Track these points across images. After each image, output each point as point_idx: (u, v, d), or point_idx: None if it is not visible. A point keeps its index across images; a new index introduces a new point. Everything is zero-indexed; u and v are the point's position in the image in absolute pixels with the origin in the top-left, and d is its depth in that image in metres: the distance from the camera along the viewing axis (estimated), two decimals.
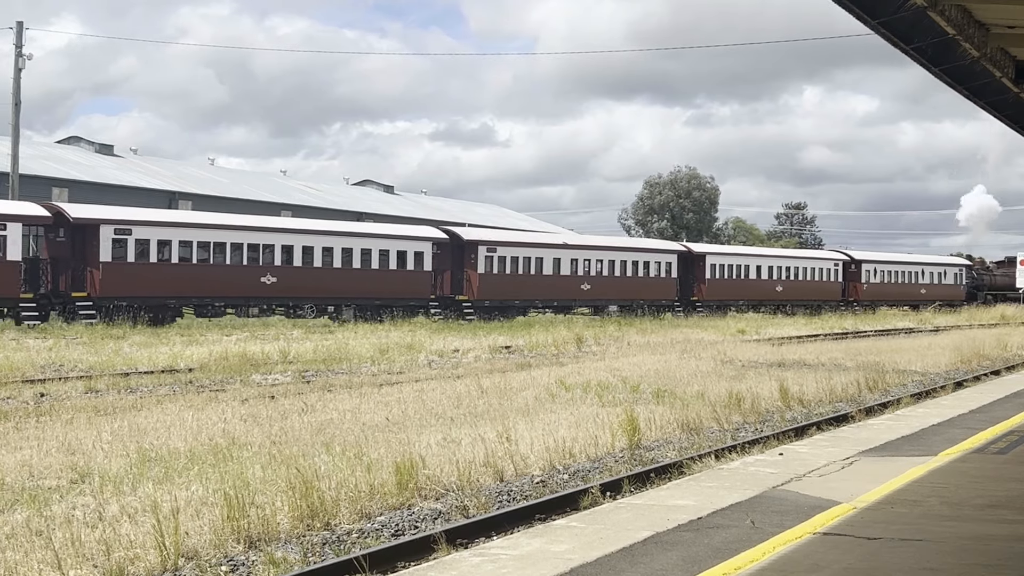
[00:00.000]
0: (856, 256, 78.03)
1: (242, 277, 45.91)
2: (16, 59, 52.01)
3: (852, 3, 13.40)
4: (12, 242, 39.58)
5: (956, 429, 15.14)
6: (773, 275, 69.98)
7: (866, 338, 43.86)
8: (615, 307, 60.61)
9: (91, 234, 42.25)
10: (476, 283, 54.26)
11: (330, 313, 48.99)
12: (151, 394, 21.15)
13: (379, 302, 50.41)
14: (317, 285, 48.18)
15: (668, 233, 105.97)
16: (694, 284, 65.50)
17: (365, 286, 49.89)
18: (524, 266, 56.32)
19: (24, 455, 13.27)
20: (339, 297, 49.27)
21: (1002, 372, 28.32)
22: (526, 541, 8.56)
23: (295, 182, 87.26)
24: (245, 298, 46.53)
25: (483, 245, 55.00)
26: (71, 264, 42.20)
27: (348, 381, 23.82)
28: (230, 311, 46.84)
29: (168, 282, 43.68)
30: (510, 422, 15.38)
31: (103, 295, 42.03)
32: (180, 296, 44.58)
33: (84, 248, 42.23)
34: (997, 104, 20.06)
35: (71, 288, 41.92)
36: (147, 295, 43.15)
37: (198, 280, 44.59)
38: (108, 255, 42.23)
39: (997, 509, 9.51)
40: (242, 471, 11.39)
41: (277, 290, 47.00)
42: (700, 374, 24.42)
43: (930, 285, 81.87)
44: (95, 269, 42.04)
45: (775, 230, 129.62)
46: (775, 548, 8.01)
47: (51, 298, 41.94)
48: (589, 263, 59.64)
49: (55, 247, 42.03)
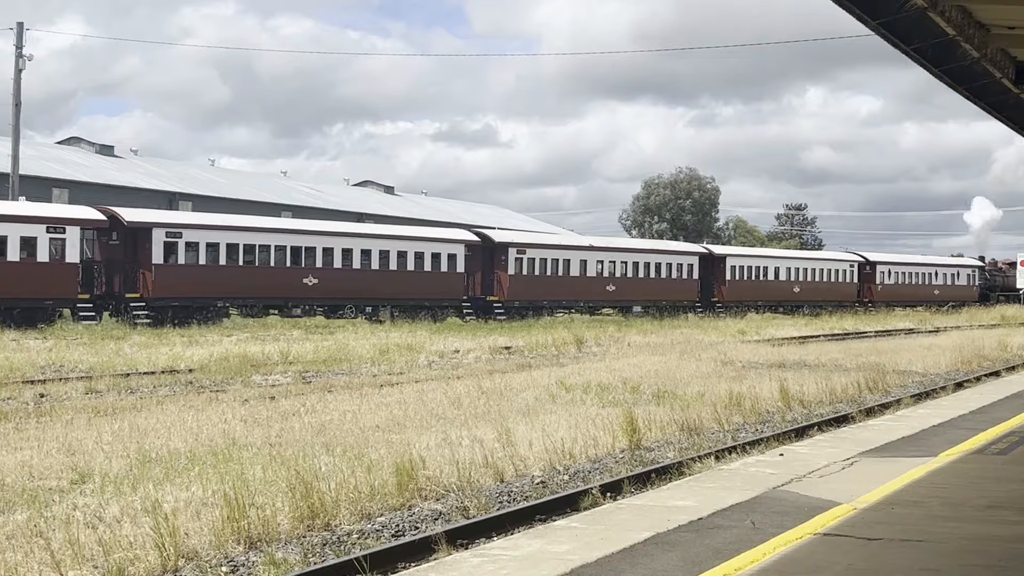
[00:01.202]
0: (871, 258, 79.48)
1: (285, 279, 47.35)
2: (16, 60, 52.03)
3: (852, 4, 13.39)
4: (71, 245, 41.33)
5: (956, 430, 15.13)
6: (791, 276, 71.60)
7: (866, 339, 43.86)
8: (639, 308, 61.80)
9: (144, 237, 43.73)
10: (506, 284, 55.73)
11: (368, 313, 50.26)
12: (151, 395, 21.15)
13: (414, 303, 51.89)
14: (356, 286, 49.67)
15: (667, 234, 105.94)
16: (714, 285, 66.75)
17: (401, 287, 51.32)
18: (552, 267, 57.85)
19: (24, 456, 13.27)
20: (377, 298, 50.70)
21: (1002, 373, 28.30)
22: (526, 542, 8.56)
23: (295, 183, 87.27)
24: (288, 299, 47.90)
25: (513, 247, 56.42)
26: (124, 266, 43.78)
27: (348, 382, 23.82)
28: (273, 312, 48.18)
29: (216, 283, 45.17)
30: (510, 423, 15.38)
31: (155, 296, 43.58)
32: (227, 297, 45.97)
33: (136, 251, 43.77)
34: (997, 105, 20.05)
35: (124, 289, 43.51)
36: (196, 296, 44.69)
37: (244, 281, 46.03)
38: (160, 257, 43.80)
39: (997, 510, 9.51)
40: (242, 472, 11.39)
41: (318, 291, 48.40)
42: (700, 375, 24.42)
43: (943, 286, 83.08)
44: (148, 271, 43.60)
45: (776, 231, 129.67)
46: (775, 549, 8.00)
47: (106, 299, 43.48)
48: (614, 265, 61.09)
49: (108, 250, 43.59)
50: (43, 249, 40.58)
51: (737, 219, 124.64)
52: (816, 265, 74.43)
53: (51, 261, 40.81)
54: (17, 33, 52.35)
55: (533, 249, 57.55)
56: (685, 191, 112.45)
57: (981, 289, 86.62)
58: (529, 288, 56.49)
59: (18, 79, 51.92)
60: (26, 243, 40.24)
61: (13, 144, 51.66)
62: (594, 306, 60.68)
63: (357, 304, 50.09)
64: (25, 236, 40.25)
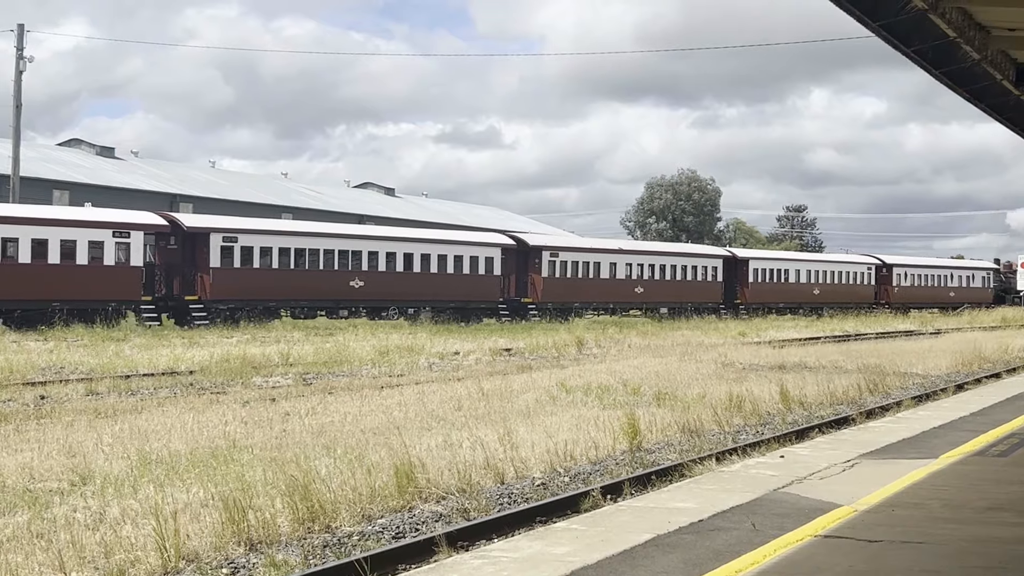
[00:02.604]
0: (888, 260, 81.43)
1: (333, 282, 49.12)
2: (17, 62, 52.05)
3: (853, 5, 13.40)
4: (135, 249, 43.65)
5: (957, 432, 15.13)
6: (811, 279, 73.54)
7: (867, 340, 43.84)
8: (665, 309, 63.28)
9: (202, 242, 45.68)
10: (540, 286, 57.64)
11: (409, 315, 51.92)
12: (152, 396, 21.15)
13: (454, 304, 53.63)
14: (399, 289, 51.55)
15: (668, 236, 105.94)
16: (737, 288, 68.57)
17: (441, 289, 53.19)
18: (583, 270, 59.74)
19: (25, 457, 13.27)
20: (418, 300, 52.60)
21: (1003, 375, 28.28)
22: (527, 543, 8.56)
23: (296, 184, 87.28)
24: (335, 301, 49.56)
25: (547, 251, 58.50)
26: (182, 269, 45.75)
27: (349, 384, 23.82)
28: (321, 313, 49.62)
29: (269, 286, 47.03)
30: (511, 425, 15.38)
31: (212, 299, 45.45)
32: (279, 300, 47.76)
33: (195, 255, 45.74)
34: (998, 107, 20.07)
35: (183, 292, 45.50)
36: (250, 298, 46.48)
37: (295, 284, 47.83)
38: (217, 261, 45.73)
39: (998, 512, 9.50)
40: (243, 473, 11.39)
41: (363, 294, 50.31)
42: (701, 377, 24.41)
43: (959, 288, 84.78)
44: (205, 274, 45.56)
45: (776, 232, 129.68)
46: (776, 551, 8.00)
47: (165, 301, 45.35)
48: (642, 267, 63.05)
49: (167, 254, 45.60)
50: (109, 253, 42.74)
51: (736, 221, 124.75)
52: (835, 268, 76.42)
53: (116, 265, 43.02)
54: (18, 35, 52.37)
55: (566, 252, 59.44)
56: (686, 193, 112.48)
57: (996, 291, 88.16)
58: (562, 290, 58.23)
59: (19, 81, 51.95)
60: (94, 247, 42.35)
61: (14, 146, 51.67)
62: (623, 308, 62.54)
63: (400, 306, 51.90)
64: (93, 240, 42.36)
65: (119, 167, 71.14)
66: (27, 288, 40.17)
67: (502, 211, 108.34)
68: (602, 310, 61.34)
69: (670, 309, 63.12)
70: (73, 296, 41.35)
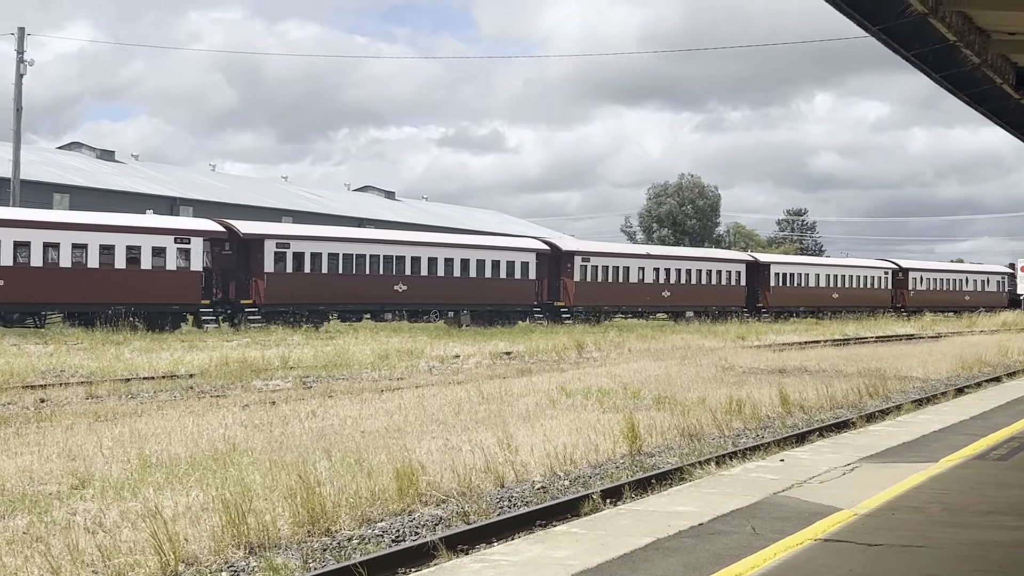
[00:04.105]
0: (904, 265, 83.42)
1: (379, 286, 51.03)
2: (17, 65, 52.09)
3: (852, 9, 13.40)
4: (195, 254, 45.48)
5: (957, 435, 15.12)
6: (830, 283, 75.39)
7: (867, 344, 43.83)
8: (691, 312, 64.67)
9: (256, 248, 47.57)
10: (572, 290, 59.44)
11: (449, 318, 53.77)
12: (152, 400, 21.14)
13: (491, 307, 55.60)
14: (440, 292, 53.33)
15: (670, 241, 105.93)
16: (759, 291, 70.22)
17: (480, 293, 55.03)
18: (613, 274, 61.68)
19: (25, 461, 13.25)
20: (458, 303, 54.36)
21: (1003, 378, 28.27)
22: (527, 547, 8.55)
23: (296, 188, 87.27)
24: (381, 304, 51.49)
25: (579, 255, 60.38)
26: (236, 274, 47.48)
27: (349, 387, 23.81)
28: (367, 316, 51.40)
29: (319, 290, 48.76)
30: (511, 428, 15.38)
31: (267, 302, 47.34)
32: (328, 303, 49.47)
33: (249, 260, 47.58)
34: (998, 111, 20.07)
35: (238, 296, 47.21)
36: (302, 302, 48.41)
37: (343, 288, 49.58)
38: (271, 266, 47.58)
39: (998, 515, 9.50)
40: (242, 477, 11.38)
41: (407, 297, 52.24)
42: (701, 380, 24.40)
43: (974, 292, 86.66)
44: (260, 279, 47.41)
45: (776, 236, 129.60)
46: (776, 554, 8.00)
47: (221, 304, 47.06)
48: (669, 272, 64.69)
49: (222, 259, 47.25)
50: (171, 258, 44.63)
51: (736, 225, 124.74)
52: (853, 272, 78.19)
53: (178, 269, 44.81)
54: (18, 38, 52.41)
55: (596, 257, 61.37)
56: (688, 197, 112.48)
57: (1011, 295, 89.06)
58: (593, 293, 60.04)
59: (19, 84, 51.97)
60: (157, 253, 44.27)
61: (14, 149, 51.69)
62: (650, 311, 63.90)
63: (440, 308, 53.76)
64: (156, 246, 44.28)
65: (119, 170, 71.14)
66: (96, 292, 42.16)
67: (502, 214, 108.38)
68: (630, 313, 62.86)
69: (695, 312, 64.69)
70: (137, 299, 43.39)
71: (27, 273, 40.72)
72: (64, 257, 41.81)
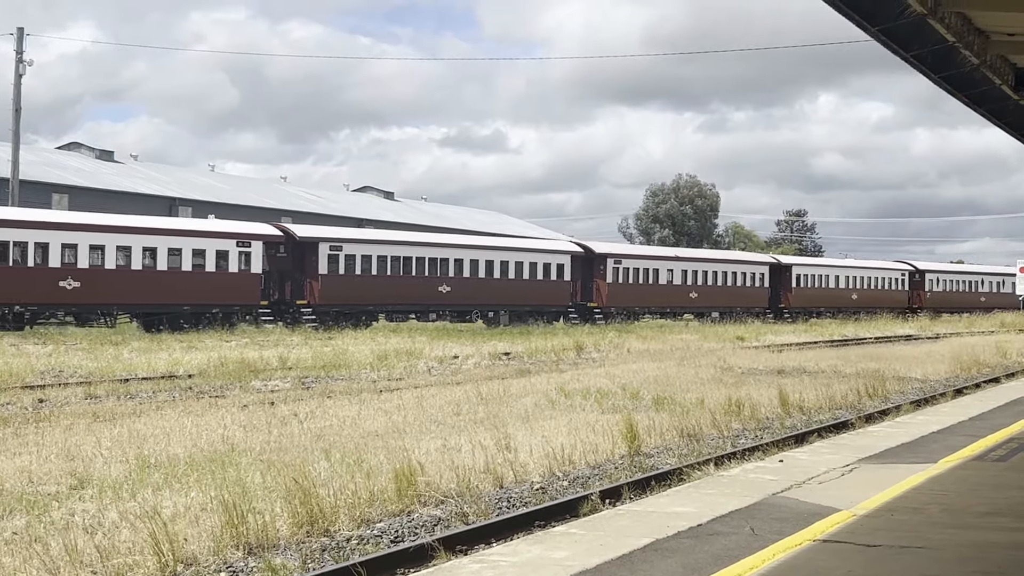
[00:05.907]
0: (920, 266, 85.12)
1: (424, 287, 52.94)
2: (16, 65, 52.10)
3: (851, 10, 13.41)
4: (255, 257, 47.47)
5: (956, 436, 15.12)
6: (850, 284, 77.16)
7: (866, 345, 43.84)
8: (716, 313, 65.91)
9: (311, 250, 49.54)
10: (605, 292, 61.08)
11: (488, 318, 55.60)
12: (150, 400, 21.14)
13: (528, 308, 57.58)
14: (481, 294, 55.20)
15: (670, 241, 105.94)
16: (781, 292, 71.71)
17: (518, 294, 57.00)
18: (643, 276, 63.29)
19: (23, 461, 13.25)
20: (498, 304, 56.24)
21: (1002, 379, 28.27)
22: (525, 548, 8.55)
23: (295, 188, 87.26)
24: (426, 305, 53.36)
25: (611, 258, 62.16)
26: (291, 276, 49.54)
27: (347, 388, 23.81)
28: (412, 316, 53.45)
29: (369, 292, 50.78)
30: (510, 429, 15.37)
31: (321, 303, 49.29)
32: (377, 304, 51.60)
33: (304, 263, 49.53)
34: (997, 112, 20.08)
35: (293, 297, 49.33)
36: (353, 303, 50.43)
37: (392, 290, 51.53)
38: (325, 268, 49.49)
39: (997, 516, 9.50)
40: (241, 477, 11.38)
41: (450, 298, 54.15)
42: (699, 381, 24.39)
43: (989, 293, 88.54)
44: (314, 281, 49.36)
45: (775, 237, 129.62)
46: (775, 555, 8.00)
47: (278, 305, 48.95)
48: (696, 273, 66.31)
49: (277, 262, 49.18)
50: (233, 261, 46.57)
51: (734, 225, 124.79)
52: (871, 274, 79.91)
53: (239, 272, 46.77)
54: (17, 38, 52.41)
55: (628, 259, 63.21)
56: (687, 198, 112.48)
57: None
58: (624, 295, 61.72)
59: (18, 84, 51.97)
60: (220, 256, 46.22)
61: (13, 149, 51.68)
62: (678, 312, 65.39)
63: (481, 309, 55.62)
64: (219, 250, 46.29)
65: (118, 171, 71.11)
66: (164, 293, 44.14)
67: (501, 215, 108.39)
68: (658, 314, 64.24)
69: (721, 313, 65.81)
70: (202, 300, 45.39)
71: (102, 276, 42.74)
72: (135, 260, 43.78)
